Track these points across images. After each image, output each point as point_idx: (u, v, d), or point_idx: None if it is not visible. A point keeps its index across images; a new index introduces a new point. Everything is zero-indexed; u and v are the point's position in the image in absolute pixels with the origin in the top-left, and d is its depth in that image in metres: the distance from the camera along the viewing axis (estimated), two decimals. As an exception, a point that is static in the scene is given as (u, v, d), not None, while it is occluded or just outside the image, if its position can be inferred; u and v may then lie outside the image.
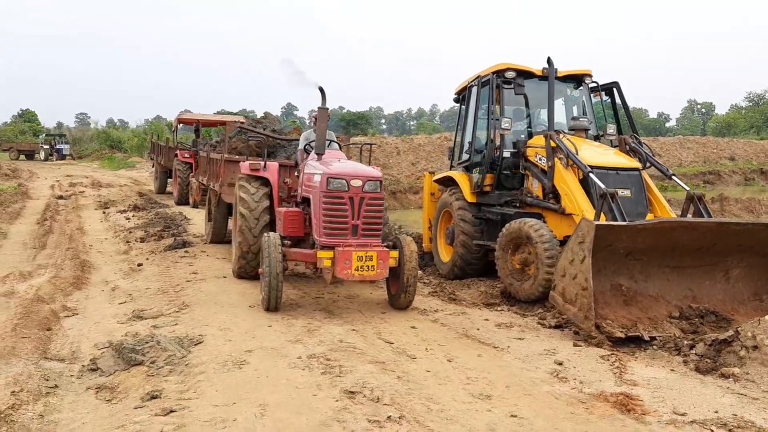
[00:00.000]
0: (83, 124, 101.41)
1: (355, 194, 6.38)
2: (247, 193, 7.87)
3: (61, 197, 19.50)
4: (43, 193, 21.28)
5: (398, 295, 6.77)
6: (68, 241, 11.71)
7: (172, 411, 3.94)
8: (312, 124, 8.28)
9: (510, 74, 8.63)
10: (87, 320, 6.42)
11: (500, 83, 8.63)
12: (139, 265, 9.39)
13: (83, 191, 21.49)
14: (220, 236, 11.18)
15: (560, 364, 5.02)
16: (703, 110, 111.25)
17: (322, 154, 7.14)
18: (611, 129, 8.80)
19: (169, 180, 20.40)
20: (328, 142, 7.72)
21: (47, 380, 4.66)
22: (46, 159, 44.38)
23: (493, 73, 8.67)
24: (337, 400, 4.09)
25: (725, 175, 34.87)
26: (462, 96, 9.80)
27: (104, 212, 16.26)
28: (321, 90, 7.19)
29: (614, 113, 9.16)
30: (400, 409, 3.97)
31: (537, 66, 8.78)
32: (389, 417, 3.83)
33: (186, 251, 10.25)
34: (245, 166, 8.20)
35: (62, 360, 5.18)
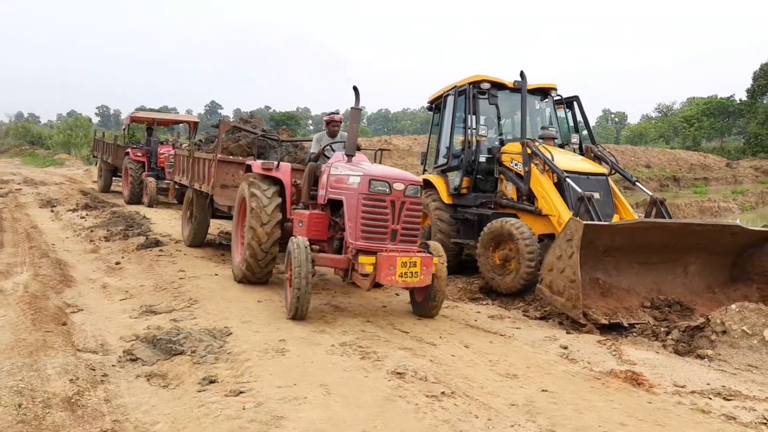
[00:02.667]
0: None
1: (397, 198, 6.18)
2: (258, 194, 7.56)
3: (-3, 195, 18.81)
4: (-25, 190, 20.41)
5: (426, 302, 6.61)
6: (27, 240, 11.50)
7: (240, 392, 4.26)
8: (324, 128, 8.20)
9: (485, 85, 9.29)
10: (95, 316, 6.53)
11: (476, 93, 9.27)
12: (117, 263, 9.43)
13: (20, 189, 20.77)
14: (201, 238, 10.82)
15: (565, 348, 5.65)
16: (617, 119, 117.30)
17: (353, 156, 6.94)
18: (575, 138, 9.62)
19: (114, 179, 20.02)
20: (343, 144, 7.55)
21: (94, 370, 4.84)
22: (-41, 155, 42.13)
23: (470, 83, 9.31)
24: (389, 380, 4.53)
25: (643, 182, 37.08)
26: (436, 104, 10.40)
27: (52, 210, 15.90)
28: (355, 89, 6.85)
29: (574, 124, 9.96)
30: (447, 386, 4.46)
31: (509, 79, 9.50)
32: (443, 392, 4.31)
33: (161, 250, 10.34)
34: (257, 166, 7.95)
35: (95, 352, 5.34)
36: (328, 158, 7.54)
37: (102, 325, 6.16)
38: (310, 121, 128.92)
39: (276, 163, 7.88)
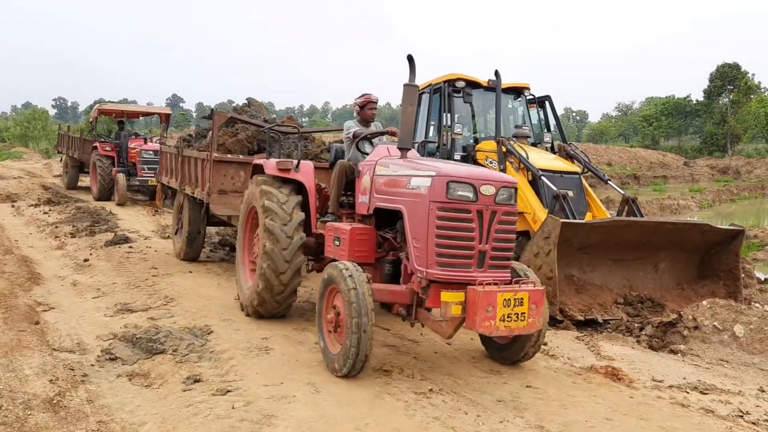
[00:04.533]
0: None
1: (485, 207, 4.45)
2: (275, 203, 5.87)
3: (-46, 189, 18.19)
4: (-70, 184, 19.71)
5: (516, 345, 4.95)
6: (-13, 236, 11.18)
7: (228, 391, 4.23)
8: (356, 114, 6.42)
9: (460, 84, 9.36)
10: (68, 314, 6.38)
11: (451, 92, 9.34)
12: (86, 260, 9.23)
13: (-23, 183, 20.11)
14: (196, 252, 9.16)
15: (545, 344, 5.71)
16: (578, 118, 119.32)
17: (408, 149, 5.27)
18: (547, 137, 9.76)
19: (81, 175, 19.31)
20: (382, 134, 6.16)
21: (73, 370, 4.74)
22: None
23: (445, 82, 9.36)
24: (376, 377, 4.55)
25: (605, 180, 37.83)
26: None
27: (13, 206, 15.47)
28: (409, 59, 5.08)
29: (546, 123, 10.12)
30: (434, 383, 4.50)
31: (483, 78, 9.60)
32: (431, 389, 4.35)
33: (130, 247, 10.17)
34: (271, 166, 6.19)
35: (72, 351, 5.23)
36: (365, 153, 6.03)
37: (76, 324, 6.03)
38: (275, 116, 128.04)
39: (295, 162, 6.16)
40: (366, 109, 6.31)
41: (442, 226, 4.40)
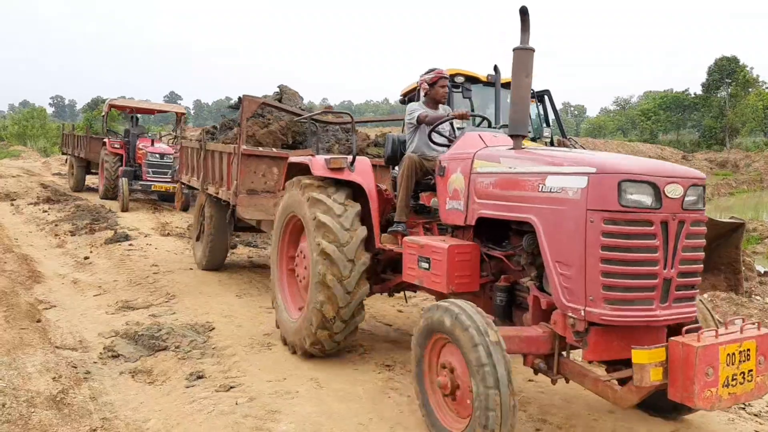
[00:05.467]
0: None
1: (672, 215, 3.16)
2: (328, 212, 4.63)
3: (-47, 188, 18.17)
4: (-71, 183, 19.68)
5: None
6: (-13, 234, 11.18)
7: (231, 387, 4.24)
8: (424, 95, 5.18)
9: (459, 79, 9.34)
10: (69, 312, 6.40)
11: (450, 87, 9.32)
12: (86, 258, 9.24)
13: (-25, 182, 20.08)
14: (218, 261, 8.19)
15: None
16: (576, 112, 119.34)
17: (524, 137, 3.96)
18: (546, 132, 9.76)
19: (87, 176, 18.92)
20: (453, 119, 4.94)
21: (75, 367, 4.75)
22: None
23: (444, 77, 9.35)
24: (379, 373, 4.58)
25: (604, 174, 37.80)
26: (409, 97, 10.41)
27: (12, 204, 15.45)
28: (523, 12, 3.72)
29: (546, 117, 10.11)
30: (437, 378, 4.50)
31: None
32: (433, 384, 4.35)
33: (131, 244, 10.18)
34: (320, 165, 4.90)
35: (74, 349, 5.24)
36: (437, 144, 4.92)
37: (78, 322, 6.04)
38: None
39: (349, 158, 4.90)
40: (437, 86, 5.08)
41: (611, 246, 3.08)
